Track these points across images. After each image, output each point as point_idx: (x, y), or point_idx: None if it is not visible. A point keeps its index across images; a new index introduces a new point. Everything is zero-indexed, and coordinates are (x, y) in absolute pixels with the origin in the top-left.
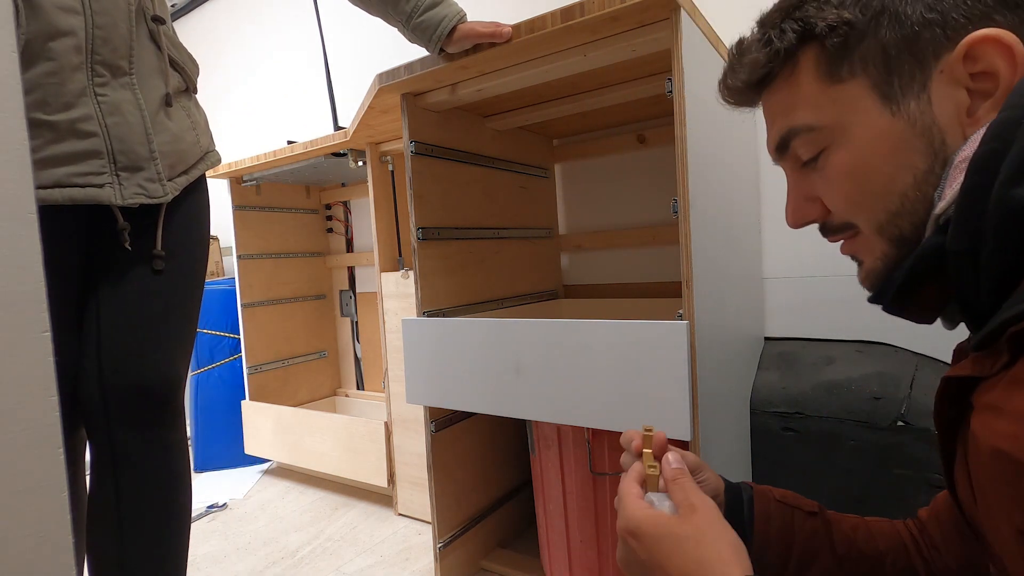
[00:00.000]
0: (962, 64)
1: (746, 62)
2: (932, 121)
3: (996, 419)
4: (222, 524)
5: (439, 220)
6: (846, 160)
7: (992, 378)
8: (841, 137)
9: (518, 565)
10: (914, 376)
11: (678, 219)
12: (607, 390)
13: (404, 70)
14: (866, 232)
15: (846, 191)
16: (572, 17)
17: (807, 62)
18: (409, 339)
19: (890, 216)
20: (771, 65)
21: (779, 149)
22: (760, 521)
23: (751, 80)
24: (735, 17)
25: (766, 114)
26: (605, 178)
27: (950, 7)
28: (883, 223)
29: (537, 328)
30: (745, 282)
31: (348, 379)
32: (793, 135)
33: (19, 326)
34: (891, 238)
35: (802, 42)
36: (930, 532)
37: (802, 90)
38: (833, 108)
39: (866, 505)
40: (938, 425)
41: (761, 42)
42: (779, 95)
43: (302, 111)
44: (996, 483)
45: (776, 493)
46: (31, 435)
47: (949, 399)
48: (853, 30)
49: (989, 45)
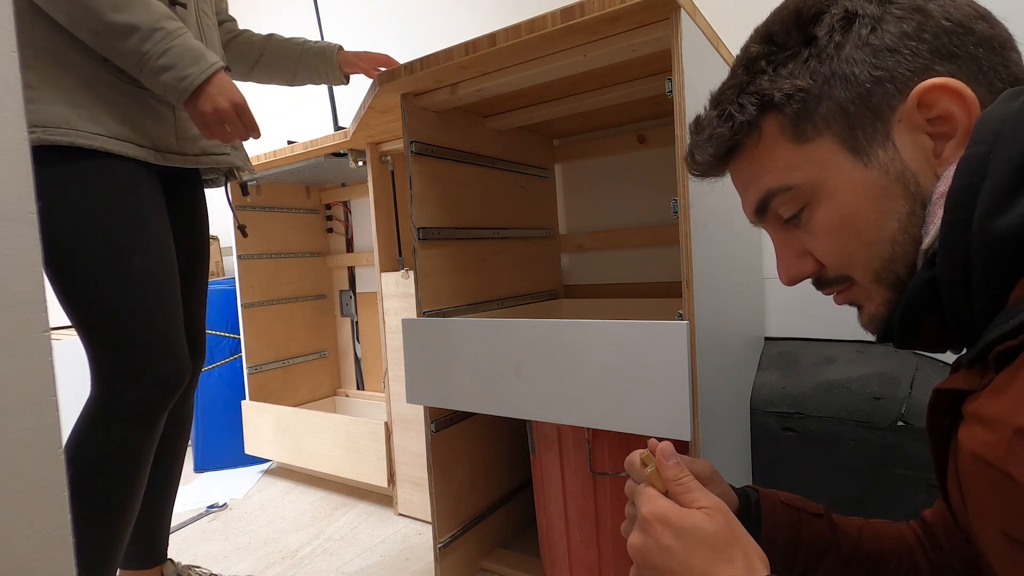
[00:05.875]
0: (917, 112)
1: (711, 137)
2: (904, 167)
3: (977, 427)
4: (222, 524)
5: (439, 220)
6: (832, 215)
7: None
8: (820, 193)
9: (518, 565)
10: (914, 376)
11: (678, 219)
12: (607, 390)
13: (404, 70)
14: (863, 282)
15: (838, 245)
16: (572, 17)
17: (771, 128)
18: (409, 339)
19: (884, 263)
20: (736, 137)
21: (758, 212)
22: (767, 524)
23: (719, 153)
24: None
25: (737, 183)
26: (605, 178)
27: (894, 64)
28: (879, 271)
29: (537, 328)
30: (745, 282)
31: (348, 379)
32: (771, 196)
33: (19, 326)
34: (889, 284)
35: (762, 112)
36: (934, 532)
37: (772, 154)
38: (807, 167)
39: (866, 505)
40: (931, 435)
41: (721, 118)
42: (747, 162)
43: (302, 111)
44: (979, 488)
45: (782, 496)
46: (31, 435)
47: (941, 410)
48: (809, 95)
49: (938, 92)
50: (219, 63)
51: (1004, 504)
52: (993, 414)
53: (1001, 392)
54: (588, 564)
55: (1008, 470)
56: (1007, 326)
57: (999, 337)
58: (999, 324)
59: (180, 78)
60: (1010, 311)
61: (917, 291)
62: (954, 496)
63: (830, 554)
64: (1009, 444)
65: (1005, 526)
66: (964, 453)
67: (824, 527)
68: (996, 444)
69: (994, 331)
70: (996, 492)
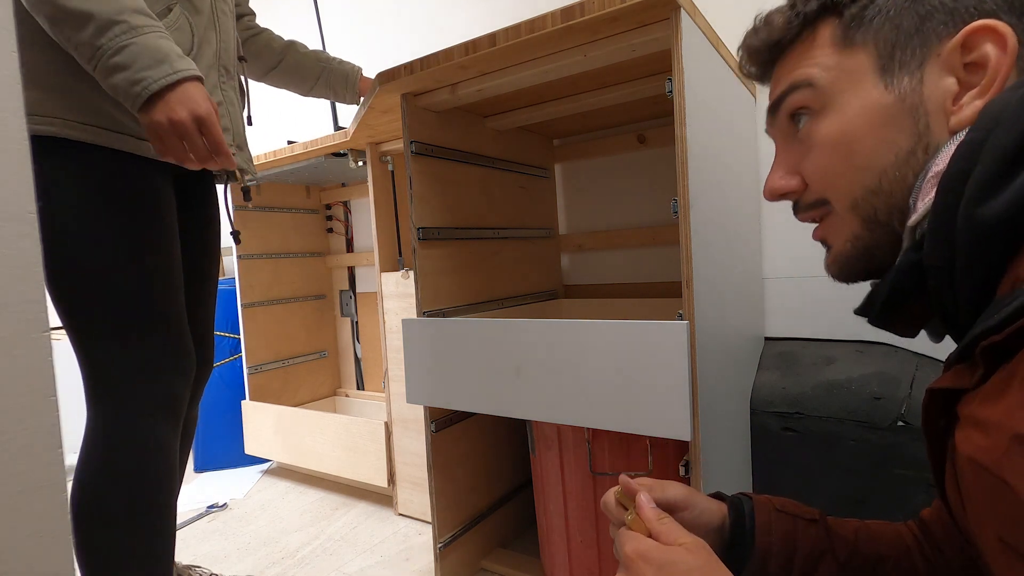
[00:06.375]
0: (959, 52)
1: (769, 22)
2: (920, 102)
3: (973, 431)
4: (222, 524)
5: (439, 220)
6: (833, 129)
7: (974, 391)
8: (833, 103)
9: (518, 565)
10: (914, 376)
11: (678, 219)
12: (607, 390)
13: (404, 70)
14: (839, 210)
15: (828, 161)
16: (572, 17)
17: (823, 30)
18: (409, 339)
19: (866, 193)
20: (790, 27)
21: (773, 108)
22: (762, 532)
23: (770, 39)
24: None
25: (774, 80)
26: (605, 178)
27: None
28: (858, 199)
29: (537, 328)
30: (745, 282)
31: (348, 379)
32: (792, 90)
33: (19, 326)
34: (864, 217)
35: (822, 12)
36: (932, 532)
37: (812, 52)
38: (835, 72)
39: (866, 505)
40: (926, 436)
41: (787, 6)
42: (791, 59)
43: (302, 111)
44: (976, 492)
45: (776, 502)
46: (31, 435)
47: (936, 410)
48: (873, 3)
49: (986, 34)
50: (189, 71)
51: (1000, 510)
52: (990, 418)
53: (998, 395)
54: (588, 564)
55: (1004, 476)
56: (992, 320)
57: (985, 331)
58: (986, 318)
59: (133, 81)
60: (997, 304)
61: (904, 273)
62: (952, 498)
63: (826, 559)
64: (1007, 450)
65: (1001, 531)
66: (961, 457)
67: (819, 532)
68: (993, 449)
69: (980, 325)
70: (993, 497)
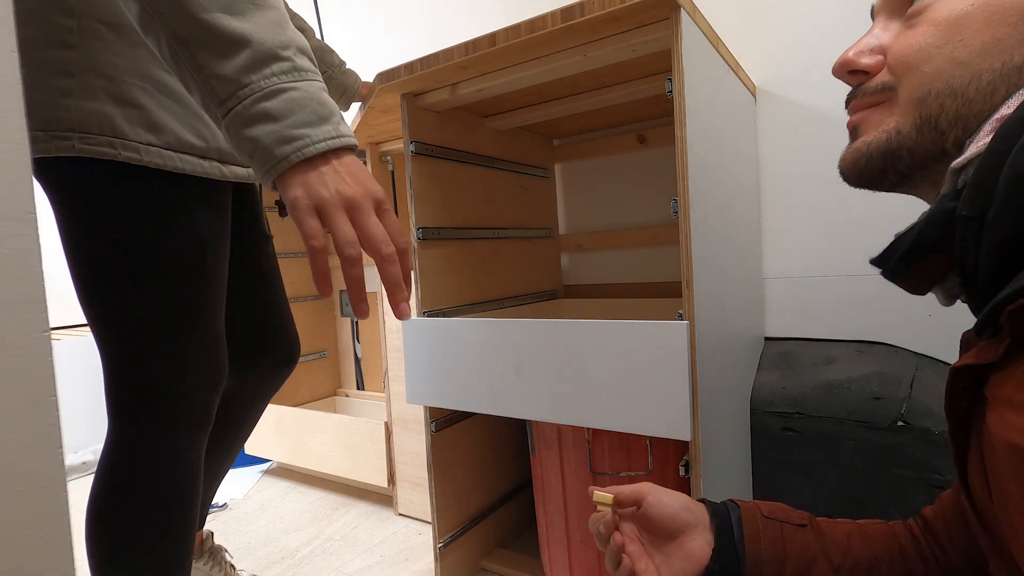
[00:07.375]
0: None
1: None
2: None
3: (1011, 413)
4: (222, 524)
5: (439, 220)
6: (955, 9)
7: (1005, 369)
8: None
9: (518, 565)
10: (914, 376)
11: (678, 219)
12: (607, 390)
13: (404, 70)
14: (902, 99)
15: (925, 40)
16: (572, 17)
17: None
18: (409, 339)
19: (945, 89)
20: None
21: None
22: (751, 541)
23: None
24: (735, 17)
25: None
26: (605, 178)
27: None
28: (931, 93)
29: (537, 328)
30: (745, 282)
31: (348, 379)
32: None
33: (19, 326)
34: (924, 115)
35: None
36: (935, 531)
37: None
38: None
39: (866, 505)
40: (949, 416)
41: None
42: None
43: None
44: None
45: (764, 509)
46: (31, 435)
47: (961, 390)
48: None
49: None
50: (353, 137)
51: None
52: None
53: None
54: (588, 564)
55: None
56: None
57: (1012, 294)
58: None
59: (284, 138)
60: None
61: (935, 221)
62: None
63: (818, 564)
64: None
65: None
66: (997, 441)
67: (810, 537)
68: None
69: (1008, 289)
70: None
